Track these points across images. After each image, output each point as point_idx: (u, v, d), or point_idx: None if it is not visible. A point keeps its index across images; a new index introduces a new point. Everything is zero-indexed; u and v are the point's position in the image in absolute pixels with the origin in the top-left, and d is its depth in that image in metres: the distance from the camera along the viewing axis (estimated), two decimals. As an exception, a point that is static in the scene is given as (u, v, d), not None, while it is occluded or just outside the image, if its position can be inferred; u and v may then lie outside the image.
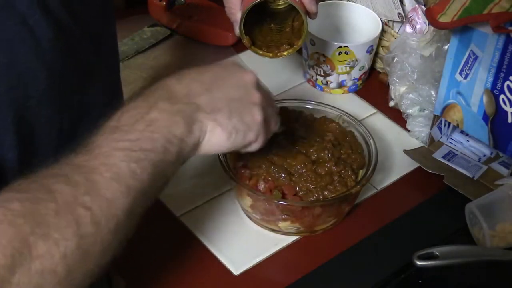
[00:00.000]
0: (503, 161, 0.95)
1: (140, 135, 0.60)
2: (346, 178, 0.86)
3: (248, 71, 0.72)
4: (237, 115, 0.67)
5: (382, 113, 1.07)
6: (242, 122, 0.68)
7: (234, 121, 0.67)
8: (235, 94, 0.68)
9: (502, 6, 0.81)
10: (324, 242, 0.88)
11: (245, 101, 0.69)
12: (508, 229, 0.85)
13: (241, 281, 0.83)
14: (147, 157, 0.59)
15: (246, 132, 0.68)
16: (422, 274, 0.83)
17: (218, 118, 0.66)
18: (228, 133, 0.67)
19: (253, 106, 0.69)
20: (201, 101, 0.65)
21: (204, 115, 0.65)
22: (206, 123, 0.65)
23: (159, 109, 0.62)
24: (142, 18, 1.22)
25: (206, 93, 0.66)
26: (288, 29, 0.92)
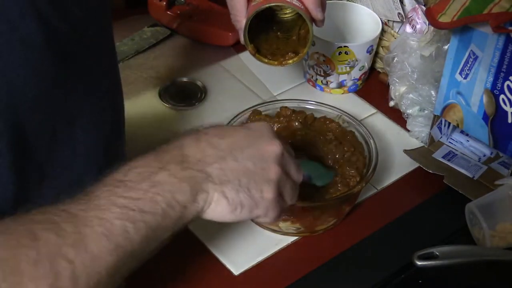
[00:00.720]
0: (503, 161, 0.95)
1: (142, 194, 0.58)
2: (348, 179, 0.86)
3: (274, 141, 0.67)
4: (245, 190, 0.64)
5: (382, 113, 1.07)
6: (249, 198, 0.65)
7: (241, 196, 0.64)
8: (250, 166, 0.65)
9: (502, 6, 0.81)
10: (324, 242, 0.88)
11: (259, 176, 0.65)
12: (508, 229, 0.85)
13: (241, 281, 0.83)
14: (144, 219, 0.58)
15: (252, 208, 0.65)
16: (422, 274, 0.83)
17: (226, 191, 0.63)
18: (233, 208, 0.64)
19: (266, 183, 0.66)
20: (212, 171, 0.63)
21: (212, 185, 0.63)
22: (212, 194, 0.63)
23: (168, 172, 0.61)
24: (142, 18, 1.22)
25: (220, 162, 0.63)
26: (294, 37, 0.91)
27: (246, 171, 0.65)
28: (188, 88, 1.10)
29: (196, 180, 0.62)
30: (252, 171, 0.65)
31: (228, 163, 0.64)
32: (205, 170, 0.63)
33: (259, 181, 0.65)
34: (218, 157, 0.64)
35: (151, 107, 1.06)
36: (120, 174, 0.60)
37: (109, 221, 0.56)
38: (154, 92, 1.08)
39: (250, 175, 0.65)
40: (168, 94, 1.08)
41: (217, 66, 1.14)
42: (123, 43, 1.17)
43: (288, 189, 0.69)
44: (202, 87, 1.09)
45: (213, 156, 0.64)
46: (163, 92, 1.08)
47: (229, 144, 0.65)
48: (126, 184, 0.59)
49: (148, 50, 1.17)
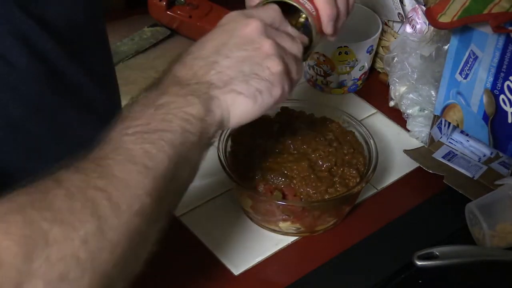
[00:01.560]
0: (503, 161, 0.95)
1: (151, 118, 0.56)
2: (347, 179, 0.86)
3: (250, 20, 0.64)
4: (253, 76, 0.61)
5: (382, 113, 1.07)
6: (262, 80, 0.62)
7: (253, 83, 0.61)
8: (243, 54, 0.62)
9: (502, 6, 0.81)
10: (324, 242, 0.88)
11: (256, 58, 0.62)
12: (508, 229, 0.85)
13: (241, 281, 0.83)
14: (162, 137, 0.55)
15: (270, 88, 0.62)
16: (422, 274, 0.83)
17: (235, 88, 0.60)
18: (253, 98, 0.61)
19: (266, 59, 0.62)
20: (211, 78, 0.60)
21: (219, 90, 0.60)
22: (224, 98, 0.60)
23: (169, 94, 0.58)
24: (142, 18, 1.22)
25: (214, 67, 0.61)
26: None
27: (243, 60, 0.62)
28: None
29: (201, 91, 0.59)
30: (247, 56, 0.62)
31: (221, 64, 0.61)
32: (204, 80, 0.60)
33: (260, 61, 0.62)
34: (210, 63, 0.61)
35: (151, 107, 1.06)
36: (123, 114, 0.57)
37: (127, 148, 0.53)
38: (154, 92, 1.08)
39: (247, 61, 0.62)
40: (168, 94, 1.08)
41: (217, 66, 1.14)
42: (123, 43, 1.17)
43: (290, 60, 0.65)
44: (202, 87, 1.09)
45: (205, 66, 0.61)
46: (163, 92, 1.08)
47: (211, 47, 0.63)
48: (130, 116, 0.56)
49: (148, 50, 1.17)
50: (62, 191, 0.49)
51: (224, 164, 0.85)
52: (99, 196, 0.49)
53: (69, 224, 0.48)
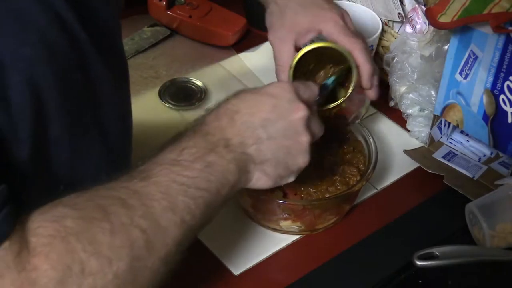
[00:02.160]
0: (503, 161, 0.95)
1: (198, 174, 0.63)
2: (348, 178, 0.86)
3: (299, 105, 0.71)
4: (283, 164, 0.70)
5: (382, 113, 1.07)
6: (287, 170, 0.71)
7: (279, 170, 0.70)
8: (284, 142, 0.70)
9: (502, 6, 0.81)
10: (324, 243, 0.88)
11: (293, 149, 0.71)
12: (508, 229, 0.85)
13: (241, 281, 0.83)
14: (202, 195, 0.62)
15: (289, 175, 0.72)
16: (422, 274, 0.83)
17: (266, 169, 0.69)
18: (273, 181, 0.71)
19: (300, 154, 0.71)
20: (252, 152, 0.68)
21: (253, 165, 0.68)
22: (253, 173, 0.69)
23: (218, 154, 0.65)
24: (142, 18, 1.22)
25: (257, 143, 0.68)
26: None
27: (282, 147, 0.70)
28: (188, 88, 1.10)
29: (240, 162, 0.67)
30: (287, 146, 0.70)
31: (264, 143, 0.69)
32: (246, 151, 0.68)
33: (295, 153, 0.71)
34: (255, 138, 0.69)
35: (151, 107, 1.06)
36: (174, 154, 0.64)
37: (172, 196, 0.59)
38: (154, 92, 1.08)
39: (285, 149, 0.70)
40: (168, 94, 1.08)
41: (217, 66, 1.14)
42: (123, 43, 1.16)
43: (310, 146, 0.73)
44: (202, 87, 1.09)
45: (251, 137, 0.68)
46: (163, 92, 1.08)
47: (261, 121, 0.69)
48: (181, 163, 0.63)
49: (148, 50, 1.18)
50: (108, 225, 0.54)
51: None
52: (139, 237, 0.55)
53: (106, 259, 0.53)
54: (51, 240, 0.51)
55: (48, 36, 0.58)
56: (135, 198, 0.57)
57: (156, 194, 0.59)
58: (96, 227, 0.54)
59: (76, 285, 0.51)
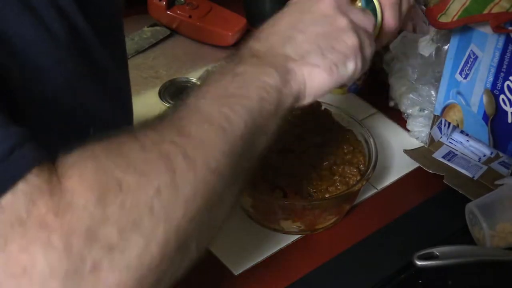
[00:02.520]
0: (503, 161, 0.95)
1: (229, 84, 0.56)
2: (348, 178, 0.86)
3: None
4: (329, 49, 0.63)
5: (382, 113, 1.07)
6: (337, 53, 0.63)
7: (329, 56, 0.62)
8: (318, 29, 0.63)
9: (502, 6, 0.81)
10: (324, 243, 0.88)
11: (332, 32, 0.64)
12: (508, 229, 0.85)
13: (241, 281, 0.83)
14: (239, 102, 0.55)
15: (345, 61, 0.63)
16: (422, 274, 0.83)
17: (311, 61, 0.62)
18: (328, 71, 0.62)
19: (342, 33, 0.64)
20: (287, 51, 0.61)
21: (295, 63, 0.61)
22: (300, 71, 0.61)
23: (247, 64, 0.59)
24: (142, 18, 1.22)
25: (289, 41, 0.62)
26: None
27: (319, 35, 0.63)
28: (188, 88, 1.10)
29: (278, 63, 0.60)
30: (323, 31, 0.64)
31: (297, 38, 0.63)
32: (281, 53, 0.61)
33: (336, 35, 0.64)
34: (286, 38, 0.63)
35: (151, 107, 1.06)
36: (201, 84, 0.58)
37: (203, 110, 0.53)
38: (154, 92, 1.08)
39: (323, 36, 0.63)
40: (168, 93, 1.08)
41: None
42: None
43: (364, 35, 0.66)
44: (202, 87, 1.09)
45: (281, 40, 0.62)
46: (163, 92, 1.08)
47: (286, 24, 0.64)
48: (208, 83, 0.57)
49: (148, 50, 1.18)
50: (138, 144, 0.49)
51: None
52: (175, 150, 0.49)
53: (143, 174, 0.47)
54: (81, 162, 0.47)
55: (46, 19, 0.56)
56: (164, 122, 0.52)
57: (185, 116, 0.53)
58: (126, 148, 0.49)
59: (117, 203, 0.45)
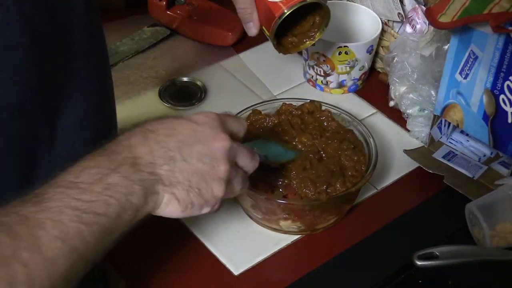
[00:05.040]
0: (503, 161, 0.95)
1: (96, 197, 0.58)
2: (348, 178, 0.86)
3: (221, 135, 0.67)
4: (195, 190, 0.65)
5: (382, 113, 1.07)
6: (199, 197, 0.65)
7: (191, 196, 0.65)
8: (199, 166, 0.65)
9: (502, 6, 0.81)
10: (324, 243, 0.88)
11: (208, 175, 0.66)
12: (508, 229, 0.85)
13: (241, 281, 0.83)
14: (98, 221, 0.57)
15: (202, 206, 0.66)
16: (422, 274, 0.83)
17: (176, 192, 0.64)
18: (184, 207, 0.65)
19: (214, 181, 0.66)
20: (162, 172, 0.63)
21: (163, 187, 0.63)
22: (162, 195, 0.63)
23: (121, 175, 0.60)
24: (142, 18, 1.22)
25: (169, 164, 0.64)
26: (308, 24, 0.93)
27: (196, 171, 0.65)
28: (188, 88, 1.10)
29: (147, 183, 0.62)
30: (201, 170, 0.65)
31: (177, 164, 0.64)
32: (156, 172, 0.63)
33: (209, 180, 0.66)
34: (167, 158, 0.64)
35: (151, 107, 1.06)
36: (72, 176, 0.59)
37: (64, 223, 0.55)
38: (154, 92, 1.08)
39: (200, 174, 0.65)
40: (168, 94, 1.08)
41: (217, 66, 1.14)
42: (123, 43, 1.17)
43: (239, 179, 0.70)
44: (202, 87, 1.09)
45: (163, 157, 0.63)
46: (163, 92, 1.08)
47: (177, 142, 0.65)
48: (78, 186, 0.58)
49: (148, 50, 1.18)
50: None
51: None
52: (19, 272, 0.51)
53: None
54: None
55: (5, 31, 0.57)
56: (23, 225, 0.53)
57: (45, 222, 0.54)
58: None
59: None
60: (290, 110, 0.94)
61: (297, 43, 0.93)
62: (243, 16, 0.89)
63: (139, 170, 0.61)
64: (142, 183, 0.61)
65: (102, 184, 0.59)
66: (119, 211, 0.59)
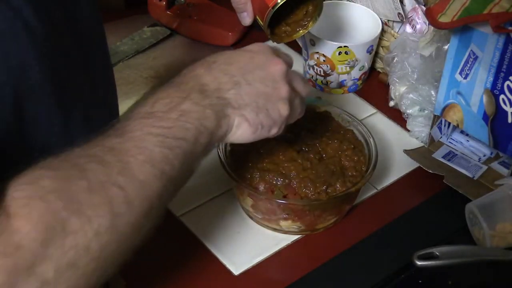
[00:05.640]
0: (503, 161, 0.95)
1: (173, 123, 0.62)
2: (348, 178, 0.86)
3: (277, 60, 0.72)
4: (264, 111, 0.69)
5: (382, 113, 1.07)
6: (268, 118, 0.70)
7: (260, 117, 0.69)
8: (262, 89, 0.70)
9: (502, 6, 0.81)
10: (324, 243, 0.88)
11: (273, 97, 0.70)
12: (508, 229, 0.85)
13: (241, 281, 0.83)
14: (179, 145, 0.61)
15: (271, 126, 0.71)
16: (422, 274, 0.83)
17: (246, 114, 0.68)
18: (254, 128, 0.69)
19: (279, 102, 0.71)
20: (230, 96, 0.67)
21: (233, 110, 0.67)
22: (233, 118, 0.67)
23: (192, 101, 0.64)
24: (142, 18, 1.22)
25: (235, 88, 0.68)
26: (301, 14, 0.94)
27: (261, 93, 0.69)
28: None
29: (218, 107, 0.66)
30: (266, 92, 0.70)
31: (243, 88, 0.68)
32: (224, 96, 0.67)
33: (274, 101, 0.70)
34: (233, 83, 0.68)
35: (151, 107, 1.06)
36: (147, 107, 0.62)
37: (149, 149, 0.58)
38: (154, 92, 1.08)
39: (265, 96, 0.70)
40: (168, 94, 1.08)
41: (217, 66, 1.14)
42: (123, 43, 1.17)
43: (298, 103, 0.74)
44: (202, 87, 1.09)
45: (228, 83, 0.68)
46: (163, 92, 1.08)
47: (239, 69, 0.69)
48: (155, 114, 0.62)
49: (148, 50, 1.17)
50: (85, 183, 0.53)
51: (224, 163, 0.85)
52: (118, 194, 0.54)
53: (87, 217, 0.52)
54: (29, 201, 0.51)
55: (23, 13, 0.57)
56: (111, 154, 0.56)
57: (132, 149, 0.57)
58: (74, 185, 0.53)
59: (58, 245, 0.50)
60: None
61: (290, 32, 0.94)
62: (237, 6, 0.91)
63: (208, 96, 0.66)
64: (212, 108, 0.65)
65: (176, 112, 0.62)
66: (196, 134, 0.63)
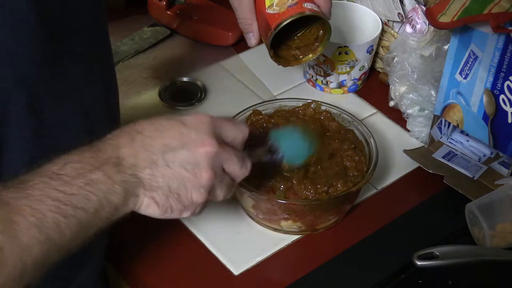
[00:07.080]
0: (503, 161, 0.95)
1: (77, 190, 0.59)
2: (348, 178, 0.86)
3: (208, 141, 0.67)
4: (175, 196, 0.66)
5: (382, 113, 1.07)
6: (179, 203, 0.66)
7: (170, 201, 0.65)
8: (180, 172, 0.65)
9: (502, 6, 0.81)
10: (324, 243, 0.88)
11: (189, 182, 0.66)
12: (508, 229, 0.85)
13: (241, 281, 0.83)
14: (76, 214, 0.58)
15: (181, 211, 0.67)
16: (422, 274, 0.83)
17: (155, 197, 0.65)
18: (163, 211, 0.66)
19: (196, 189, 0.66)
20: (144, 176, 0.64)
21: (143, 191, 0.64)
22: (142, 198, 0.64)
23: (103, 173, 0.61)
24: (142, 18, 1.22)
25: (151, 167, 0.64)
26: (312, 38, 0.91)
27: (177, 177, 0.65)
28: (188, 88, 1.10)
29: (128, 184, 0.62)
30: (183, 176, 0.65)
31: (159, 169, 0.64)
32: (138, 175, 0.63)
33: (189, 187, 0.66)
34: (150, 162, 0.64)
35: (151, 107, 1.06)
36: (56, 167, 0.60)
37: (42, 212, 0.56)
38: (154, 92, 1.08)
39: (181, 180, 0.65)
40: (168, 94, 1.08)
41: (217, 66, 1.14)
42: (123, 43, 1.17)
43: (223, 186, 0.70)
44: (202, 87, 1.09)
45: (146, 160, 0.64)
46: (163, 92, 1.08)
47: (162, 145, 0.65)
48: (61, 178, 0.59)
49: (148, 50, 1.18)
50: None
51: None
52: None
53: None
54: None
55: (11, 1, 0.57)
56: (2, 210, 0.55)
57: (25, 209, 0.55)
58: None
59: None
60: (289, 111, 0.94)
61: (299, 55, 0.91)
62: (243, 27, 0.89)
63: (122, 172, 0.62)
64: (123, 184, 0.62)
65: (84, 179, 0.60)
66: (98, 207, 0.60)
